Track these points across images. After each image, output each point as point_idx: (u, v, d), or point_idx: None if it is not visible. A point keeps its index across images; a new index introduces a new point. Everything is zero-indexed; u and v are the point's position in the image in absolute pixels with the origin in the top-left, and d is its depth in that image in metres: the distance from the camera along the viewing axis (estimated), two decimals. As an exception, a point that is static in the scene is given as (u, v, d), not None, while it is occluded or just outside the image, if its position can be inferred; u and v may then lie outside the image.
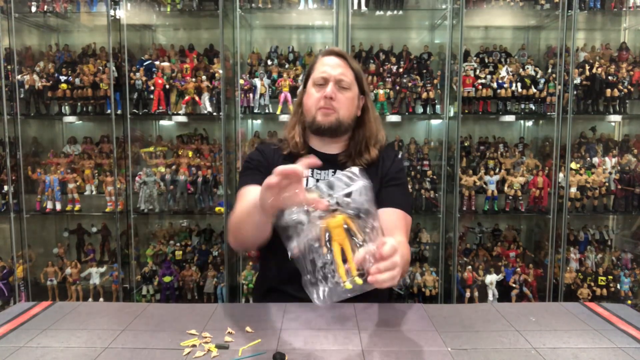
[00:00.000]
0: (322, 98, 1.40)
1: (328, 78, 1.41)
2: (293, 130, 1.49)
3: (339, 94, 1.41)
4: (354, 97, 1.44)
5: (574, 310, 1.18)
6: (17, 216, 2.76)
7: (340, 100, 1.41)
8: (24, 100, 2.75)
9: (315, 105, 1.42)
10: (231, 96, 2.79)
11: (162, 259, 2.85)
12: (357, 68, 1.46)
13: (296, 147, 1.46)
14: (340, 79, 1.41)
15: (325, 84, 1.41)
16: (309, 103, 1.44)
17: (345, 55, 1.45)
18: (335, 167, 1.44)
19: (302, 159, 0.98)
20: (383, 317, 1.12)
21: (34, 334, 1.02)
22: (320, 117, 1.41)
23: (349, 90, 1.42)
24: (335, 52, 1.45)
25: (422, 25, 3.07)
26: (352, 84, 1.43)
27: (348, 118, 1.43)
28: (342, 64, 1.43)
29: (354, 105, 1.45)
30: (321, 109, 1.41)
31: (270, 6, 2.76)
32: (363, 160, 1.44)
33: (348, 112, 1.43)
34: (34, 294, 2.82)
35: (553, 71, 2.74)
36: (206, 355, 0.92)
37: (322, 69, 1.42)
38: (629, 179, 2.73)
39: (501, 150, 2.86)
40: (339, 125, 1.42)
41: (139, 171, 2.77)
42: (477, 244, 2.97)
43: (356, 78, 1.44)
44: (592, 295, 2.70)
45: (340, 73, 1.41)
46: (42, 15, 2.82)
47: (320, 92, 1.41)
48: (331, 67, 1.42)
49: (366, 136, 1.47)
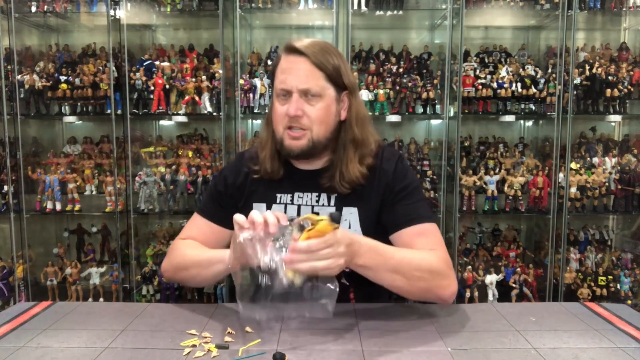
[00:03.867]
0: (286, 115, 1.13)
1: (290, 90, 1.12)
2: (264, 150, 1.23)
3: (307, 106, 1.13)
4: (328, 104, 1.15)
5: (574, 310, 1.18)
6: (17, 216, 2.76)
7: (310, 115, 1.13)
8: (24, 100, 2.74)
9: (281, 123, 1.15)
10: (231, 96, 2.79)
11: (162, 259, 2.84)
12: (330, 62, 1.13)
13: (268, 174, 1.23)
14: (305, 89, 1.12)
15: (288, 97, 1.13)
16: (274, 120, 1.17)
17: (310, 50, 1.12)
18: (319, 190, 1.21)
19: (274, 214, 0.93)
20: (383, 317, 1.12)
21: (34, 334, 1.02)
22: (288, 140, 1.15)
23: (319, 99, 1.13)
24: (295, 48, 1.13)
25: (422, 25, 3.07)
26: (324, 88, 1.13)
27: (325, 132, 1.16)
28: (307, 65, 1.12)
29: (330, 114, 1.16)
30: (288, 130, 1.15)
31: (270, 6, 2.75)
32: (346, 183, 1.17)
33: (324, 126, 1.15)
34: (34, 294, 2.82)
35: (553, 71, 2.74)
36: (206, 355, 0.92)
37: (283, 77, 1.13)
38: (629, 179, 2.73)
39: (501, 150, 2.86)
40: (313, 146, 1.16)
41: (139, 171, 2.77)
42: (477, 244, 2.97)
43: (329, 77, 1.14)
44: (592, 295, 2.70)
45: (305, 80, 1.12)
46: (42, 15, 2.82)
47: (285, 106, 1.13)
48: (292, 73, 1.12)
49: (349, 145, 1.19)
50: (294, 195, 1.23)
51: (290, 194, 1.24)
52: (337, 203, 1.22)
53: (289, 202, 1.23)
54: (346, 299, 1.24)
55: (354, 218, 1.20)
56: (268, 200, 1.25)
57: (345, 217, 1.20)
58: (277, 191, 1.25)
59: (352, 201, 1.21)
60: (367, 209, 1.21)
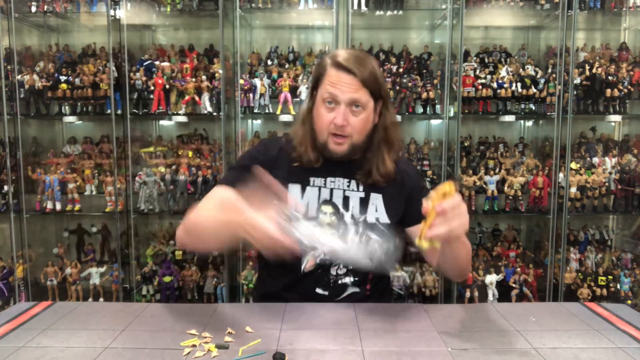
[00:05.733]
0: (333, 123, 1.26)
1: (339, 102, 1.26)
2: (303, 143, 1.35)
3: (351, 117, 1.27)
4: (368, 114, 1.29)
5: (574, 310, 1.18)
6: (17, 216, 2.76)
7: (353, 125, 1.27)
8: (24, 100, 2.74)
9: (327, 128, 1.28)
10: (231, 96, 2.79)
11: (162, 259, 2.85)
12: (370, 75, 1.26)
13: (310, 163, 1.34)
14: (352, 103, 1.26)
15: (335, 105, 1.26)
16: (320, 124, 1.30)
17: (357, 67, 1.25)
18: (351, 177, 1.36)
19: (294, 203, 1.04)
20: (383, 317, 1.12)
21: (34, 334, 1.02)
22: (333, 145, 1.29)
23: (363, 111, 1.27)
24: (344, 67, 1.25)
25: (422, 25, 3.07)
26: (367, 101, 1.27)
27: (363, 137, 1.31)
28: (355, 82, 1.24)
29: (369, 123, 1.31)
30: (333, 136, 1.29)
31: (270, 6, 2.75)
32: (382, 177, 1.33)
33: (363, 133, 1.30)
34: (34, 294, 2.82)
35: (553, 71, 2.74)
36: (206, 355, 0.92)
37: (332, 90, 1.25)
38: (629, 179, 2.73)
39: (501, 150, 2.86)
40: (353, 150, 1.31)
41: (139, 171, 2.77)
42: (477, 244, 2.97)
43: (372, 92, 1.27)
44: (592, 295, 2.70)
45: (353, 96, 1.25)
46: (42, 15, 2.82)
47: (331, 113, 1.27)
48: (342, 88, 1.25)
49: (382, 145, 1.34)
50: (326, 180, 1.36)
51: (323, 179, 1.36)
52: (365, 189, 1.36)
53: (322, 186, 1.35)
54: (367, 277, 1.35)
55: (380, 202, 1.35)
56: (303, 182, 1.35)
57: (373, 202, 1.35)
58: (311, 175, 1.36)
59: (378, 189, 1.36)
60: (392, 197, 1.36)
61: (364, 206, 1.34)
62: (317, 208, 1.32)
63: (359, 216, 1.33)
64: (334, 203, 1.33)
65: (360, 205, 1.33)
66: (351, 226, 1.31)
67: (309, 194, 1.33)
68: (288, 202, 1.03)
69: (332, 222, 1.31)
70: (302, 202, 1.31)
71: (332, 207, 1.32)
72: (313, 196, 1.33)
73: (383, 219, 1.34)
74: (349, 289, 1.33)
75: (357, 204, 1.33)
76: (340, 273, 1.32)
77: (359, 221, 1.32)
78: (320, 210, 1.32)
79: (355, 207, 1.33)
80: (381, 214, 1.34)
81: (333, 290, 1.31)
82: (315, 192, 1.34)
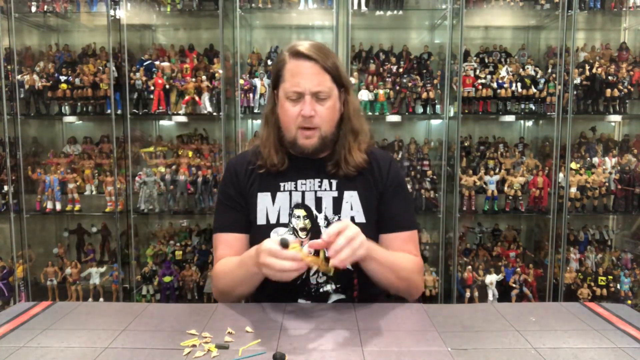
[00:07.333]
0: (300, 116, 1.23)
1: (303, 92, 1.22)
2: (267, 145, 1.32)
3: (318, 106, 1.23)
4: (334, 103, 1.26)
5: (574, 310, 1.18)
6: (17, 216, 2.76)
7: (321, 115, 1.24)
8: (24, 100, 2.75)
9: (294, 122, 1.25)
10: (231, 96, 2.80)
11: (162, 259, 2.85)
12: (332, 63, 1.24)
13: (275, 167, 1.31)
14: (317, 92, 1.22)
15: (300, 97, 1.23)
16: (286, 119, 1.26)
17: (317, 54, 1.22)
18: (322, 176, 1.32)
19: (308, 242, 1.10)
20: (383, 317, 1.12)
21: (34, 334, 1.02)
22: (302, 139, 1.26)
23: (328, 99, 1.24)
24: (304, 54, 1.22)
25: (422, 25, 3.07)
26: (331, 89, 1.25)
27: (332, 128, 1.28)
28: (316, 69, 1.22)
29: (336, 111, 1.29)
30: (301, 130, 1.25)
31: (270, 6, 2.75)
32: (352, 167, 1.30)
33: (331, 122, 1.28)
34: (34, 294, 2.82)
35: (553, 71, 2.74)
36: (206, 355, 0.92)
37: (294, 81, 1.22)
38: (629, 179, 2.73)
39: (501, 150, 2.86)
40: (323, 143, 1.28)
41: (139, 171, 2.77)
42: (477, 244, 2.97)
43: (334, 78, 1.25)
44: (592, 295, 2.70)
45: (317, 83, 1.22)
46: (42, 15, 2.82)
47: (297, 107, 1.23)
48: (304, 77, 1.21)
49: (349, 135, 1.31)
50: (297, 183, 1.32)
51: (294, 182, 1.32)
52: (339, 188, 1.32)
53: (293, 189, 1.32)
54: (351, 282, 1.32)
55: (355, 200, 1.32)
56: (272, 189, 1.32)
57: (347, 200, 1.32)
58: (282, 180, 1.33)
59: (352, 186, 1.33)
60: (366, 193, 1.33)
61: (338, 206, 1.30)
62: (289, 213, 1.29)
63: (332, 217, 1.29)
64: (307, 206, 1.30)
65: (333, 205, 1.30)
66: (324, 228, 1.27)
67: (280, 200, 1.30)
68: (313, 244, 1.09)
69: (306, 225, 1.28)
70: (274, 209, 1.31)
71: (304, 210, 1.29)
72: (284, 201, 1.30)
73: (359, 218, 1.29)
74: (332, 297, 1.29)
75: (330, 204, 1.30)
76: (320, 281, 1.28)
77: (332, 222, 1.27)
78: (293, 215, 1.29)
79: (328, 207, 1.30)
80: (357, 212, 1.30)
81: (315, 299, 1.28)
82: (286, 197, 1.31)
